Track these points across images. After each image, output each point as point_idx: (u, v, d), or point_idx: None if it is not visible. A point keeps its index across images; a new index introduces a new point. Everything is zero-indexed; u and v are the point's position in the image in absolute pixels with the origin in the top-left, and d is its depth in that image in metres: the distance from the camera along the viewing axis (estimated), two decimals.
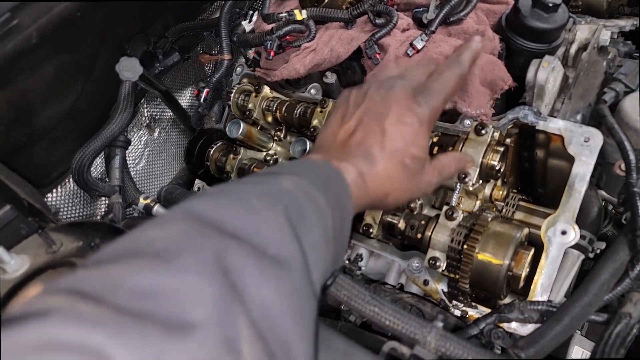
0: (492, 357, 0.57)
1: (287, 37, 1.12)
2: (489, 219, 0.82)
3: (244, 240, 0.45)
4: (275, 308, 0.42)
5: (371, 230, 0.96)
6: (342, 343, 0.54)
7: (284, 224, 0.49)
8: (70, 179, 1.25)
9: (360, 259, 0.99)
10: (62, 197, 1.27)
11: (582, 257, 0.90)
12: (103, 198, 1.34)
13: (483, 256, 0.79)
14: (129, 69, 1.03)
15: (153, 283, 0.38)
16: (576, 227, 0.83)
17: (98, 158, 1.33)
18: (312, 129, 1.08)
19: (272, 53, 1.08)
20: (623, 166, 0.86)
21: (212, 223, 0.45)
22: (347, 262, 1.02)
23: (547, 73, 0.87)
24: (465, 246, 0.81)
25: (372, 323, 0.62)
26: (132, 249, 0.43)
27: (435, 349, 0.57)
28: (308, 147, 1.05)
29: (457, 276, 0.83)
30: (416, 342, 0.58)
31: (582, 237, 0.88)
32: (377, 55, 1.03)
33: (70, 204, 1.29)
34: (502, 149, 0.87)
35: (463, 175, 0.87)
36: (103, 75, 1.11)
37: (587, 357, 0.96)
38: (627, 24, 1.08)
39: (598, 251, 0.95)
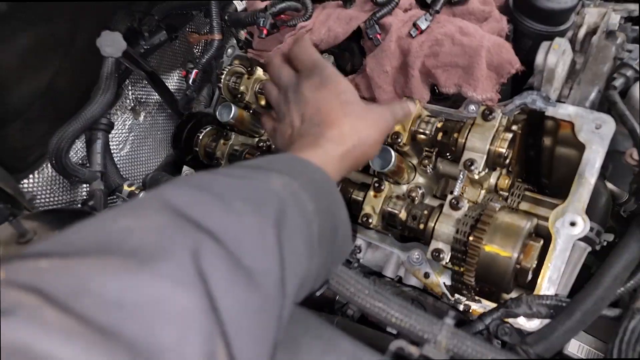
0: (506, 356, 0.53)
1: (282, 15, 1.05)
2: (497, 209, 0.77)
3: (221, 243, 0.42)
4: (237, 324, 0.38)
5: (370, 221, 0.91)
6: (350, 345, 0.49)
7: (266, 232, 0.46)
8: (49, 164, 1.17)
9: (358, 251, 0.94)
10: (40, 183, 1.20)
11: (589, 249, 0.86)
12: (85, 185, 1.27)
13: (491, 248, 0.75)
14: (111, 44, 0.95)
15: (124, 291, 0.34)
16: (586, 218, 0.79)
17: (79, 142, 1.26)
18: None
19: (265, 31, 1.01)
20: (635, 155, 0.83)
21: (191, 219, 0.42)
22: None
23: (557, 56, 0.83)
24: (471, 237, 0.77)
25: (378, 320, 0.57)
26: (103, 240, 0.38)
27: (446, 348, 0.53)
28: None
29: (462, 269, 0.78)
30: (425, 341, 0.54)
31: (590, 228, 0.84)
32: (378, 36, 0.97)
33: (48, 191, 1.21)
34: (510, 135, 0.83)
35: (469, 163, 0.82)
36: (83, 51, 1.03)
37: (585, 350, 0.94)
38: (636, 8, 1.04)
39: (605, 243, 0.92)
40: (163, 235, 0.40)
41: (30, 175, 1.17)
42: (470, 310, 0.84)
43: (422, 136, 0.90)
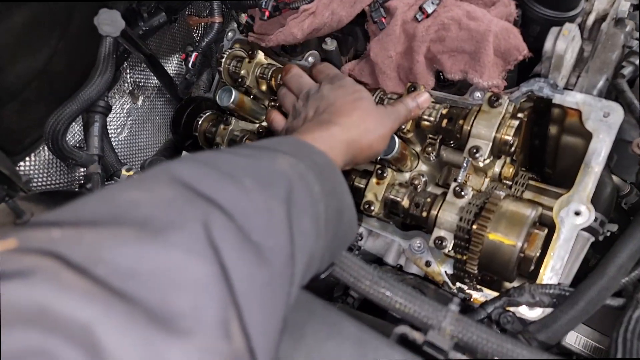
0: (512, 344, 0.52)
1: None
2: (502, 197, 0.76)
3: (230, 216, 0.42)
4: (247, 295, 0.38)
5: (372, 208, 0.90)
6: (355, 329, 0.48)
7: (274, 209, 0.46)
8: (45, 147, 1.15)
9: (359, 238, 0.93)
10: (36, 166, 1.18)
11: (592, 239, 0.86)
12: (82, 169, 1.25)
13: (494, 236, 0.74)
14: (110, 22, 0.92)
15: (137, 261, 0.35)
16: (591, 207, 0.78)
17: (76, 125, 1.24)
18: None
19: (267, 13, 0.99)
20: None
21: (200, 192, 0.42)
22: None
23: (567, 42, 0.81)
24: (475, 225, 0.76)
25: (381, 307, 0.56)
26: (113, 212, 0.38)
27: (451, 335, 0.52)
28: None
29: (465, 257, 0.78)
30: (430, 327, 0.53)
31: (594, 218, 0.84)
32: (383, 20, 0.96)
33: (45, 174, 1.19)
34: (516, 122, 0.81)
35: (474, 150, 0.81)
36: (81, 30, 1.00)
37: (582, 341, 0.94)
38: None
39: (608, 234, 0.91)
40: (173, 207, 0.40)
41: (27, 158, 1.15)
42: (472, 299, 0.84)
43: (427, 123, 0.88)
